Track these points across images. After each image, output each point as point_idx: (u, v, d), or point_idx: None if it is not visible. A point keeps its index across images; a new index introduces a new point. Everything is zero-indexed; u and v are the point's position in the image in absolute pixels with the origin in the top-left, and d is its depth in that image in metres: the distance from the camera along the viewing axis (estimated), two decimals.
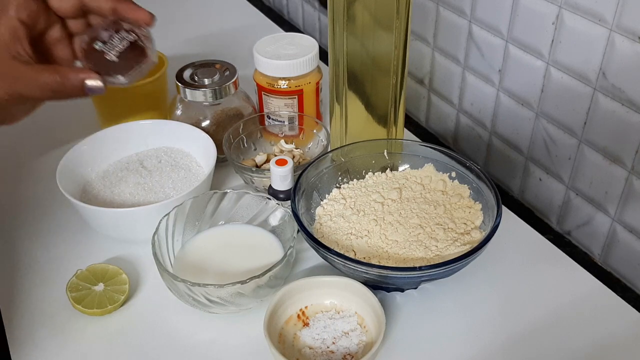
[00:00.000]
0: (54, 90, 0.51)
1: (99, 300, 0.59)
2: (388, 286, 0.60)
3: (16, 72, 0.50)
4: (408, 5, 0.61)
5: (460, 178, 0.66)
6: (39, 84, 0.50)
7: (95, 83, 0.51)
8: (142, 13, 0.53)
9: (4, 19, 0.50)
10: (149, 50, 0.53)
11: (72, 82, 0.51)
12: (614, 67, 0.60)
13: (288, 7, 1.21)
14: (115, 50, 0.52)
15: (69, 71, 0.51)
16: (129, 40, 0.53)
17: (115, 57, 0.52)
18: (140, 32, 0.53)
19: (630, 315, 0.60)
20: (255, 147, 0.78)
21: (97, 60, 0.52)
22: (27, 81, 0.50)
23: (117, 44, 0.53)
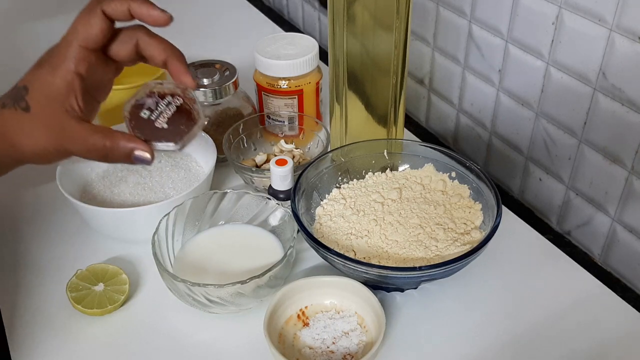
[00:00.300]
0: (101, 155, 0.51)
1: (99, 300, 0.59)
2: (388, 286, 0.60)
3: (68, 128, 0.50)
4: (408, 5, 0.61)
5: (460, 178, 0.66)
6: (88, 145, 0.50)
7: (143, 154, 0.51)
8: (189, 78, 0.53)
9: (62, 71, 0.50)
10: (195, 112, 0.53)
11: (122, 150, 0.51)
12: (614, 67, 0.60)
13: (288, 7, 1.22)
14: (164, 117, 0.52)
15: (119, 138, 0.50)
16: (175, 105, 0.52)
17: (165, 124, 0.52)
18: (184, 95, 0.52)
19: (630, 315, 0.60)
20: (255, 147, 0.78)
21: (145, 127, 0.52)
22: (76, 140, 0.50)
23: (163, 110, 0.52)
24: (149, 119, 0.52)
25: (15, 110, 0.50)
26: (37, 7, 1.20)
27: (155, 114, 0.52)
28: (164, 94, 0.52)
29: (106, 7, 0.50)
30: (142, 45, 0.52)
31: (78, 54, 0.50)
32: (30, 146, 0.50)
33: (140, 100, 0.52)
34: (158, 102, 0.52)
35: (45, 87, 0.50)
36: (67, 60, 0.50)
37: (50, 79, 0.50)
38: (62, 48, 0.50)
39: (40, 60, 0.52)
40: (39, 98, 0.50)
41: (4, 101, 0.51)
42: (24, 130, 0.50)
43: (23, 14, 1.19)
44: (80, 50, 0.50)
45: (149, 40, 0.52)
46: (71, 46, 0.50)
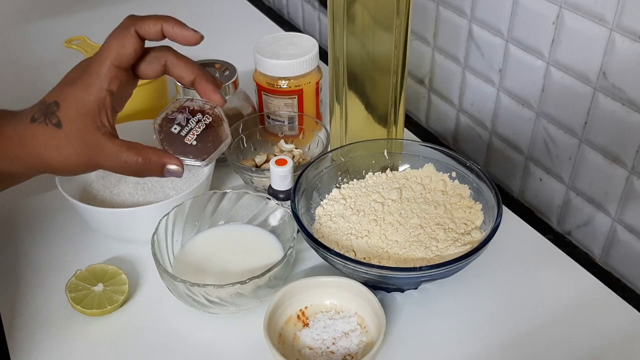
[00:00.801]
0: (133, 171, 0.52)
1: (99, 300, 0.59)
2: (388, 286, 0.60)
3: (100, 145, 0.51)
4: (408, 5, 0.61)
5: (461, 178, 0.66)
6: (120, 162, 0.51)
7: (175, 169, 0.53)
8: (218, 97, 0.55)
9: (95, 89, 0.51)
10: (223, 131, 0.54)
11: (154, 165, 0.52)
12: (614, 67, 0.60)
13: (288, 7, 1.21)
14: (193, 134, 0.54)
15: (151, 154, 0.52)
16: (205, 122, 0.54)
17: (194, 141, 0.53)
18: (213, 113, 0.55)
19: (630, 315, 0.60)
20: (255, 147, 0.78)
21: (174, 142, 0.53)
22: (109, 157, 0.51)
23: (193, 127, 0.54)
24: (179, 134, 0.54)
25: (46, 126, 0.51)
26: (37, 6, 1.20)
27: (185, 130, 0.54)
28: (194, 111, 0.55)
29: (140, 28, 0.51)
30: (170, 67, 0.54)
31: (111, 73, 0.51)
32: (61, 161, 0.51)
33: (171, 115, 0.54)
34: (189, 119, 0.54)
35: (78, 103, 0.51)
36: (100, 78, 0.51)
37: (84, 97, 0.51)
38: (95, 66, 0.51)
39: (71, 77, 0.53)
40: (71, 114, 0.51)
41: (34, 115, 0.51)
42: (54, 146, 0.51)
43: (23, 14, 1.19)
44: (113, 69, 0.51)
45: (177, 62, 0.54)
46: (105, 65, 0.51)
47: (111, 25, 0.53)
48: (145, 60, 0.54)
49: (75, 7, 1.18)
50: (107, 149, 0.51)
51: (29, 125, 0.51)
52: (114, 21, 0.54)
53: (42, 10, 1.19)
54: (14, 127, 0.52)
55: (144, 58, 0.54)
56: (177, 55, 0.55)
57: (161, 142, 0.54)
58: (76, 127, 0.50)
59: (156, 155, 0.52)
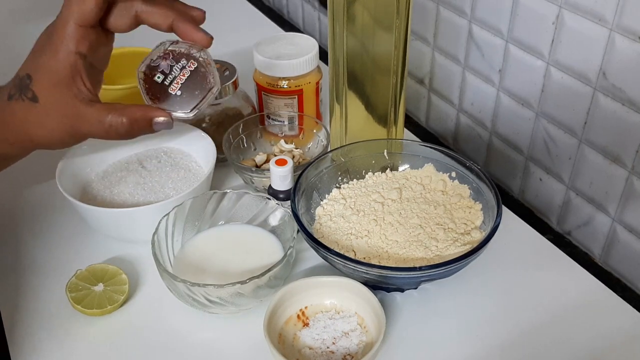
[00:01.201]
0: (121, 133, 0.49)
1: (99, 300, 0.59)
2: (388, 286, 0.60)
3: (80, 113, 0.48)
4: (408, 5, 0.61)
5: (461, 178, 0.66)
6: (105, 127, 0.49)
7: (164, 119, 0.50)
8: (200, 35, 0.50)
9: (63, 54, 0.48)
10: (211, 76, 0.51)
11: (141, 122, 0.49)
12: (614, 67, 0.60)
13: (288, 7, 1.21)
14: (177, 83, 0.50)
15: (135, 111, 0.49)
16: (189, 69, 0.50)
17: (179, 90, 0.50)
18: (199, 56, 0.50)
19: (630, 315, 0.60)
20: (255, 147, 0.78)
21: (159, 92, 0.50)
22: (92, 123, 0.49)
23: (177, 75, 0.50)
24: (163, 83, 0.50)
25: (23, 102, 0.48)
26: (37, 6, 1.20)
27: (169, 78, 0.50)
28: (180, 55, 0.50)
29: None
30: (142, 16, 0.50)
31: (77, 34, 0.48)
32: (44, 136, 0.49)
33: (154, 61, 0.51)
34: (172, 66, 0.50)
35: (49, 73, 0.48)
36: (66, 41, 0.48)
37: (53, 65, 0.48)
38: (58, 29, 0.48)
39: (38, 45, 0.50)
40: (45, 86, 0.48)
41: (10, 92, 0.49)
42: (35, 121, 0.48)
43: (24, 14, 1.19)
44: (78, 29, 0.48)
45: (148, 9, 0.50)
46: (68, 26, 0.48)
47: None
48: (113, 13, 0.50)
49: None
50: (88, 116, 0.48)
51: (7, 104, 0.49)
52: None
53: (42, 10, 1.19)
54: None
55: (111, 11, 0.50)
56: (147, 1, 0.50)
57: (146, 92, 0.50)
58: (52, 99, 0.48)
59: (141, 111, 0.49)
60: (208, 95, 0.51)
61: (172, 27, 0.50)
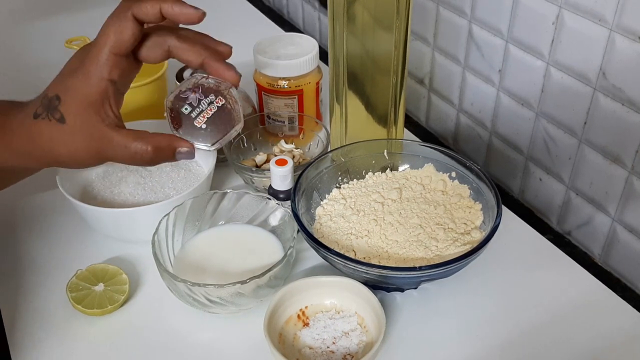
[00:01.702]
0: (145, 160, 0.50)
1: (99, 300, 0.59)
2: (388, 286, 0.60)
3: (107, 137, 0.49)
4: (408, 5, 0.61)
5: (460, 178, 0.66)
6: (130, 153, 0.50)
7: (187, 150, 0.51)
8: (231, 74, 0.52)
9: (95, 79, 0.49)
10: (235, 114, 0.52)
11: (165, 151, 0.51)
12: (614, 67, 0.60)
13: (288, 7, 1.22)
14: (203, 117, 0.52)
15: (160, 140, 0.50)
16: (217, 105, 0.52)
17: (204, 124, 0.52)
18: (226, 94, 0.52)
19: (630, 315, 0.60)
20: (255, 147, 0.78)
21: (184, 123, 0.52)
22: (117, 148, 0.50)
23: (205, 109, 0.52)
24: (189, 115, 0.51)
25: (50, 122, 0.49)
26: (37, 6, 1.21)
27: (196, 111, 0.52)
28: (208, 90, 0.52)
29: (137, 11, 0.49)
30: (174, 52, 0.52)
31: (110, 61, 0.49)
32: (69, 156, 0.50)
33: (184, 93, 0.52)
34: (200, 100, 0.52)
35: (79, 96, 0.49)
36: (100, 68, 0.49)
37: (84, 88, 0.49)
38: (93, 55, 0.49)
39: (69, 67, 0.51)
40: (73, 108, 0.49)
41: (37, 110, 0.50)
42: (61, 141, 0.49)
43: (23, 14, 1.19)
44: (112, 57, 0.49)
45: (181, 46, 0.51)
46: (103, 53, 0.49)
47: None
48: (146, 44, 0.51)
49: (76, 6, 1.18)
50: (114, 141, 0.49)
51: (34, 122, 0.50)
52: None
53: (42, 10, 1.19)
54: (20, 123, 0.50)
55: (145, 42, 0.51)
56: (181, 38, 0.52)
57: (171, 121, 0.51)
58: (80, 121, 0.49)
59: (166, 141, 0.50)
60: (231, 132, 0.52)
61: (203, 65, 0.52)
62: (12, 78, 0.97)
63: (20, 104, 0.52)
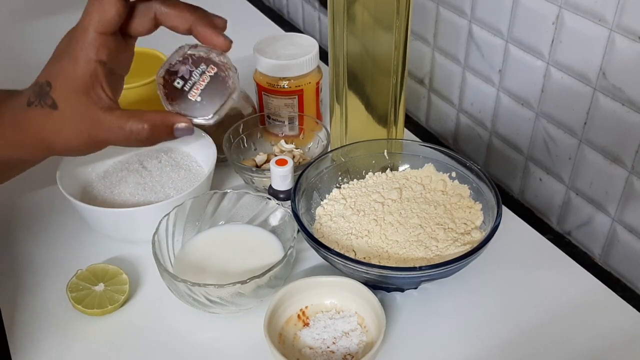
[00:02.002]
0: (142, 139, 0.49)
1: (99, 300, 0.59)
2: (388, 286, 0.60)
3: (100, 120, 0.48)
4: (408, 5, 0.61)
5: (461, 178, 0.66)
6: (125, 133, 0.48)
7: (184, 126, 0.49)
8: (220, 39, 0.50)
9: (83, 61, 0.48)
10: (230, 81, 0.50)
11: (161, 128, 0.49)
12: (614, 67, 0.60)
13: (288, 7, 1.22)
14: (197, 89, 0.50)
15: (155, 118, 0.48)
16: (209, 74, 0.50)
17: (199, 96, 0.50)
18: (218, 60, 0.50)
19: (630, 315, 0.60)
20: (256, 147, 0.78)
21: (179, 97, 0.50)
22: (112, 130, 0.48)
23: (197, 80, 0.50)
24: (182, 89, 0.50)
25: (42, 109, 0.48)
26: (37, 6, 1.21)
27: (188, 84, 0.50)
28: (199, 59, 0.50)
29: None
30: (161, 18, 0.50)
31: (96, 41, 0.48)
32: (63, 143, 0.49)
33: (173, 66, 0.50)
34: (192, 71, 0.50)
35: (69, 80, 0.48)
36: (86, 49, 0.48)
37: (73, 72, 0.48)
38: (78, 36, 0.48)
39: (58, 52, 0.50)
40: (64, 93, 0.48)
41: (30, 98, 0.49)
42: (54, 128, 0.48)
43: (23, 14, 1.19)
44: (98, 36, 0.48)
45: (167, 11, 0.50)
46: (88, 33, 0.48)
47: None
48: (132, 17, 0.50)
49: (76, 6, 1.17)
50: (108, 123, 0.48)
51: (26, 110, 0.49)
52: None
53: (42, 10, 1.19)
54: (12, 112, 0.49)
55: (131, 16, 0.50)
56: (166, 3, 0.50)
57: (166, 98, 0.50)
58: (72, 106, 0.48)
59: (161, 118, 0.49)
60: (228, 101, 0.50)
61: (191, 30, 0.50)
62: (12, 78, 0.97)
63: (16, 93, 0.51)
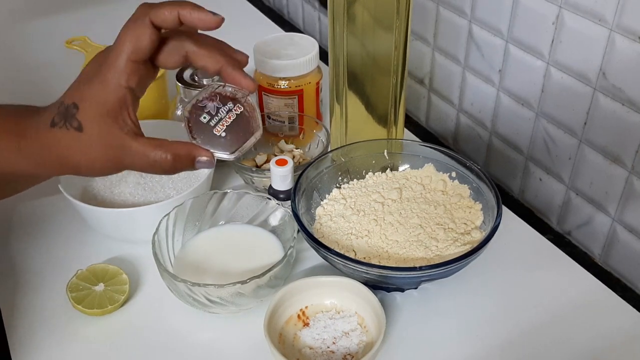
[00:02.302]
0: (164, 168, 0.50)
1: (99, 300, 0.59)
2: (388, 286, 0.60)
3: (126, 146, 0.49)
4: (408, 5, 0.61)
5: (461, 178, 0.66)
6: (150, 161, 0.49)
7: (206, 159, 0.51)
8: (249, 82, 0.51)
9: (113, 87, 0.48)
10: (254, 122, 0.52)
11: (184, 160, 0.50)
12: (614, 67, 0.60)
13: (288, 7, 1.22)
14: (222, 125, 0.51)
15: (179, 149, 0.50)
16: (235, 113, 0.51)
17: (224, 132, 0.51)
18: (244, 101, 0.52)
19: (630, 315, 0.60)
20: (256, 147, 0.78)
21: (203, 132, 0.51)
22: (136, 157, 0.49)
23: (224, 117, 0.51)
24: (208, 124, 0.51)
25: (67, 130, 0.49)
26: (37, 6, 1.21)
27: (214, 120, 0.51)
28: (226, 98, 0.52)
29: (154, 17, 0.48)
30: (192, 57, 0.51)
31: (128, 68, 0.49)
32: (87, 165, 0.50)
33: (201, 102, 0.52)
34: (219, 108, 0.51)
35: (97, 104, 0.48)
36: (118, 75, 0.48)
37: (102, 96, 0.48)
38: (111, 62, 0.49)
39: (87, 75, 0.50)
40: (91, 116, 0.48)
41: (54, 119, 0.49)
42: (78, 150, 0.49)
43: (23, 14, 1.19)
44: (130, 64, 0.48)
45: (199, 52, 0.51)
46: (121, 60, 0.48)
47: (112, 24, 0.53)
48: (164, 50, 0.51)
49: (76, 6, 1.18)
50: (133, 149, 0.49)
51: (50, 130, 0.49)
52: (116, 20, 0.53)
53: (42, 10, 1.19)
54: (35, 129, 0.50)
55: (162, 48, 0.51)
56: (198, 44, 0.51)
57: (189, 131, 0.51)
58: (98, 130, 0.48)
59: (185, 149, 0.50)
60: (251, 140, 0.52)
61: (221, 72, 0.51)
62: (12, 78, 0.97)
63: (34, 110, 0.52)
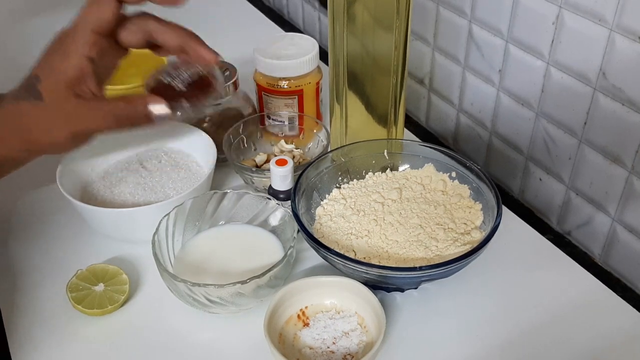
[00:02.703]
0: (119, 118, 0.50)
1: (99, 300, 0.59)
2: (388, 286, 0.60)
3: (81, 107, 0.49)
4: (408, 5, 0.61)
5: (461, 178, 0.66)
6: (104, 112, 0.50)
7: (160, 107, 0.51)
8: (210, 53, 0.52)
9: (74, 57, 0.49)
10: (215, 81, 0.53)
11: (137, 107, 0.50)
12: (614, 67, 0.60)
13: (288, 7, 1.22)
14: (182, 80, 0.52)
15: (134, 97, 0.50)
16: (196, 74, 0.52)
17: (182, 86, 0.52)
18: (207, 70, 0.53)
19: (630, 315, 0.60)
20: (255, 147, 0.78)
21: (165, 92, 0.52)
22: (91, 115, 0.50)
23: (184, 77, 0.52)
24: (169, 84, 0.52)
25: (29, 102, 0.49)
26: (37, 6, 1.20)
27: (175, 80, 0.52)
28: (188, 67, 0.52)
29: None
30: (154, 34, 0.52)
31: (90, 39, 0.49)
32: (47, 137, 0.50)
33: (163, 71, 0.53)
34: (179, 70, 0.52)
35: (57, 73, 0.49)
36: (79, 45, 0.49)
37: (62, 66, 0.49)
38: (73, 33, 0.50)
39: (50, 47, 0.51)
40: (51, 86, 0.49)
41: (19, 93, 0.50)
42: (39, 121, 0.49)
43: (23, 13, 1.19)
44: (92, 35, 0.49)
45: (161, 28, 0.52)
46: (83, 31, 0.49)
47: None
48: (126, 28, 0.52)
49: (76, 6, 1.18)
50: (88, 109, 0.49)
51: (14, 104, 0.50)
52: None
53: (42, 9, 1.19)
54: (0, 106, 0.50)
55: (125, 26, 0.52)
56: (160, 21, 0.52)
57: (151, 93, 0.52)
58: (56, 97, 0.49)
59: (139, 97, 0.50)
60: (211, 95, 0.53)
61: (183, 46, 0.52)
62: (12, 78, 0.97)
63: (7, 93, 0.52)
